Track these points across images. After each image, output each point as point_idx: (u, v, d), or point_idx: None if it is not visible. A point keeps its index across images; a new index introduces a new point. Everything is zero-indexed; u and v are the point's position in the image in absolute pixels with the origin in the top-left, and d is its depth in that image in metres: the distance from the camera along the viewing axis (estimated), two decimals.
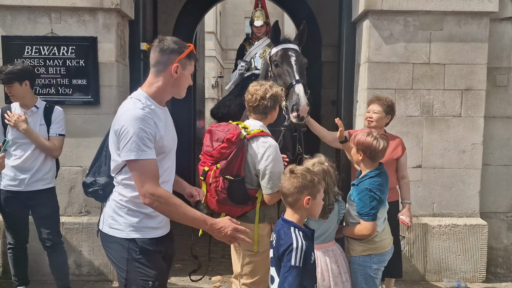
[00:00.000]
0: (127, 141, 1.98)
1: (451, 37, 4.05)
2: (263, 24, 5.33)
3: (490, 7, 4.00)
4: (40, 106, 3.42)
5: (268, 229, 2.75)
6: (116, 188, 2.15)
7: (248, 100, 2.78)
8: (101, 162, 2.26)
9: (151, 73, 2.17)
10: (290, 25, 11.37)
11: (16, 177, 3.35)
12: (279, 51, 3.57)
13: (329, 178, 2.61)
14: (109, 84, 4.03)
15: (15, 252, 3.51)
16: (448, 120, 4.11)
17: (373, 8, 3.96)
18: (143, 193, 2.00)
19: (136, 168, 2.00)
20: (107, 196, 2.20)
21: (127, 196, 2.10)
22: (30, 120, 3.34)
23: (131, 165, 2.01)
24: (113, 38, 3.99)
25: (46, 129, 3.40)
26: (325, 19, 7.02)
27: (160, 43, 2.12)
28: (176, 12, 7.30)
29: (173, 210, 2.07)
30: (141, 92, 2.16)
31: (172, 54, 2.11)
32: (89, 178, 2.26)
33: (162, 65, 2.12)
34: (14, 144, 3.33)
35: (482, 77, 4.09)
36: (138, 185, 2.00)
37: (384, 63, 4.04)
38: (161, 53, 2.10)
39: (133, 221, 2.11)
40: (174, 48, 2.11)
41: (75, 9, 3.94)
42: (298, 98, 3.27)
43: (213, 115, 5.08)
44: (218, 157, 2.62)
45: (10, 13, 3.95)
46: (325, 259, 2.63)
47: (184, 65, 2.15)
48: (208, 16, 9.88)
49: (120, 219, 2.12)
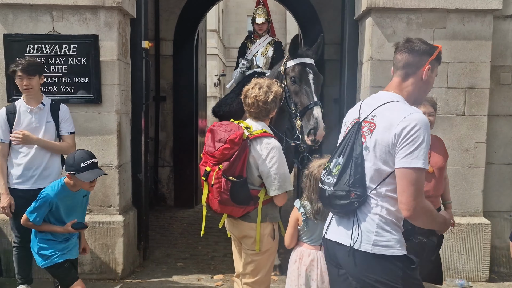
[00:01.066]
0: (416, 147, 1.79)
1: (455, 34, 4.02)
2: (264, 21, 5.32)
3: (494, 5, 3.97)
4: (46, 103, 3.44)
5: (270, 229, 2.73)
6: (376, 200, 1.92)
7: (248, 104, 2.70)
8: (354, 172, 1.93)
9: (398, 76, 2.00)
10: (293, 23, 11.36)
11: (24, 175, 3.37)
12: (296, 67, 3.54)
13: None
14: (111, 83, 4.02)
15: (20, 251, 3.51)
16: (452, 118, 4.08)
17: (376, 5, 3.93)
18: (413, 206, 1.81)
19: (414, 179, 1.79)
20: (357, 209, 1.94)
21: (391, 210, 1.91)
22: (37, 117, 3.35)
23: (408, 174, 1.80)
24: (115, 36, 3.98)
25: (54, 126, 3.42)
26: (327, 16, 6.99)
27: (408, 44, 1.98)
28: (178, 10, 7.28)
29: (431, 220, 1.93)
30: (399, 96, 1.97)
31: (424, 55, 1.96)
32: (339, 191, 1.94)
33: (413, 67, 1.96)
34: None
35: (486, 75, 4.06)
36: (410, 197, 1.80)
37: (387, 61, 4.00)
38: (411, 54, 1.96)
39: (398, 236, 1.93)
40: (425, 49, 1.96)
41: (77, 7, 3.94)
42: (317, 123, 3.29)
43: (214, 114, 5.07)
44: (220, 158, 2.59)
45: (12, 11, 3.94)
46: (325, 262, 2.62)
47: (433, 67, 2.00)
48: (210, 14, 9.86)
49: (388, 235, 1.90)
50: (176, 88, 7.28)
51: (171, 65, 7.29)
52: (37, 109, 3.38)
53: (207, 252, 5.08)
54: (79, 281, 2.95)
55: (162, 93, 7.28)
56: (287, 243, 2.76)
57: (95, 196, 3.97)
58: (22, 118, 3.36)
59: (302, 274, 2.64)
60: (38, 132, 3.37)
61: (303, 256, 2.68)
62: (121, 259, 4.10)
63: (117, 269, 4.11)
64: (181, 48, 7.25)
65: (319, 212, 2.60)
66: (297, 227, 2.72)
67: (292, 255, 2.77)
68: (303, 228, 2.68)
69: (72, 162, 2.77)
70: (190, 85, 7.33)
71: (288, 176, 2.69)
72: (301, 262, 2.67)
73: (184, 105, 7.30)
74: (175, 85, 7.29)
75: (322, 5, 7.13)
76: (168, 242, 5.41)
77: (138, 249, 4.50)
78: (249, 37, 5.54)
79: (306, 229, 2.67)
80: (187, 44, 7.27)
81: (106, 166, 4.04)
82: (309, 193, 2.66)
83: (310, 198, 2.66)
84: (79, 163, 2.75)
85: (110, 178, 4.06)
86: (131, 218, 4.32)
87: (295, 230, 2.72)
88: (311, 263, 2.63)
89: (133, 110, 4.42)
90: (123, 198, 4.22)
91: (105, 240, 4.08)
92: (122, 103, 4.16)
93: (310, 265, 2.64)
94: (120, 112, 4.11)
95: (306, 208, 2.66)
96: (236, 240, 2.87)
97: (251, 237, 2.70)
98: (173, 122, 7.36)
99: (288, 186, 2.66)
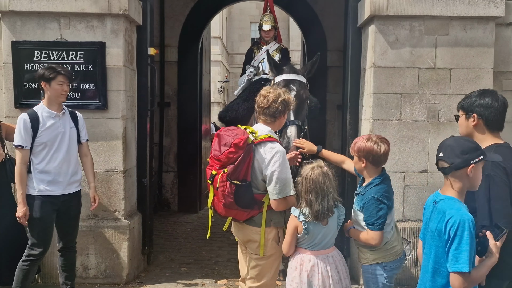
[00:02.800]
0: None
1: (457, 42, 4.05)
2: (271, 28, 5.37)
3: (496, 12, 4.00)
4: (65, 109, 3.50)
5: (274, 233, 2.76)
6: None
7: (259, 102, 2.80)
8: None
9: None
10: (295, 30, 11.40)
11: (54, 181, 3.35)
12: (281, 83, 3.65)
13: (329, 181, 2.61)
14: (117, 89, 4.07)
15: (34, 264, 3.39)
16: (454, 124, 4.07)
17: (379, 13, 3.97)
18: None
19: None
20: None
21: None
22: (61, 122, 3.40)
23: None
24: (121, 43, 4.04)
25: (75, 132, 3.49)
26: (330, 23, 7.04)
27: None
28: (182, 18, 7.36)
29: None
30: None
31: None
32: None
33: None
34: (46, 147, 3.32)
35: (489, 81, 4.08)
36: None
37: (390, 68, 4.05)
38: None
39: None
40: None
41: (84, 15, 4.00)
42: (288, 142, 3.41)
43: (221, 119, 5.12)
44: (225, 162, 2.63)
45: (20, 18, 4.01)
46: (326, 266, 2.62)
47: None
48: (214, 21, 9.93)
49: None
50: (181, 94, 7.35)
51: (175, 72, 7.37)
52: (62, 115, 3.43)
53: (211, 257, 5.09)
54: None
55: (166, 99, 7.34)
56: (285, 251, 2.73)
57: (100, 201, 4.00)
58: (47, 123, 3.34)
59: (304, 280, 2.61)
60: (64, 137, 3.40)
61: (304, 262, 2.65)
62: (126, 263, 4.13)
63: (122, 273, 4.13)
64: (185, 54, 7.32)
65: (318, 213, 2.58)
66: (296, 235, 2.67)
67: (291, 262, 2.73)
68: (304, 236, 2.64)
69: None
70: (194, 91, 7.39)
71: (290, 181, 2.70)
72: (302, 268, 2.64)
73: (188, 111, 7.35)
74: (179, 91, 7.36)
75: (325, 12, 7.19)
76: (172, 247, 5.43)
77: (142, 253, 4.52)
78: (256, 43, 5.59)
79: (306, 236, 2.64)
80: (191, 50, 7.34)
81: (112, 171, 4.08)
82: (307, 196, 2.62)
83: (308, 201, 2.62)
84: None
85: (116, 183, 4.10)
86: (136, 222, 4.35)
87: (293, 239, 2.68)
88: (312, 268, 2.61)
89: (139, 115, 4.46)
90: (128, 203, 4.26)
91: (110, 245, 4.11)
92: (128, 109, 4.21)
93: (311, 270, 2.61)
94: (126, 118, 4.16)
95: (306, 214, 2.62)
96: (242, 244, 2.90)
97: (255, 241, 2.73)
98: (177, 128, 7.41)
99: (288, 191, 2.67)
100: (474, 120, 2.50)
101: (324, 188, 2.59)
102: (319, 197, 2.59)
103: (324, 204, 2.59)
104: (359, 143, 2.71)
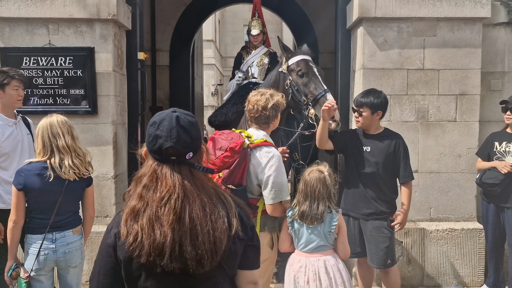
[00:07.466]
0: None
1: (445, 43, 4.08)
2: (259, 33, 5.39)
3: (483, 13, 4.04)
4: (18, 115, 3.32)
5: (268, 238, 2.76)
6: None
7: (249, 110, 2.77)
8: None
9: None
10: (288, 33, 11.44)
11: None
12: (301, 62, 3.67)
13: (322, 187, 2.62)
14: (107, 94, 4.06)
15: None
16: (444, 125, 4.13)
17: (367, 15, 4.00)
18: None
19: None
20: None
21: None
22: (19, 130, 3.23)
23: None
24: (110, 48, 4.03)
25: (32, 139, 3.27)
26: (321, 26, 7.08)
27: None
28: (174, 22, 7.36)
29: None
30: None
31: None
32: None
33: None
34: (9, 158, 3.14)
35: (477, 82, 4.12)
36: None
37: (379, 69, 4.07)
38: None
39: None
40: None
41: (73, 20, 3.99)
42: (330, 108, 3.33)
43: (210, 123, 5.13)
44: (220, 166, 2.61)
45: (8, 25, 4.00)
46: (315, 269, 2.63)
47: None
48: (207, 24, 9.96)
49: None
50: (173, 98, 7.33)
51: (167, 76, 7.35)
52: (18, 122, 3.26)
53: None
54: None
55: (158, 103, 7.33)
56: (279, 246, 2.80)
57: None
58: (6, 132, 3.15)
59: (291, 280, 2.66)
60: (23, 145, 3.23)
61: (294, 262, 2.71)
62: None
63: None
64: (177, 58, 7.32)
65: (304, 215, 2.61)
66: (288, 232, 2.75)
67: (287, 261, 2.81)
68: (291, 233, 2.72)
69: None
70: (186, 95, 7.38)
71: (285, 186, 2.70)
72: (291, 268, 2.71)
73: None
74: (171, 95, 7.35)
75: (316, 15, 7.22)
76: None
77: None
78: (245, 47, 5.61)
79: (293, 234, 2.71)
80: (183, 54, 7.34)
81: (102, 176, 4.07)
82: (299, 195, 2.68)
83: (299, 200, 2.68)
84: None
85: (107, 188, 4.09)
86: None
87: (286, 235, 2.76)
88: (299, 269, 2.65)
89: (129, 120, 4.46)
90: (120, 208, 4.24)
91: None
92: (118, 114, 4.20)
93: (298, 271, 2.65)
94: (116, 123, 4.15)
95: (294, 211, 2.69)
96: None
97: None
98: None
99: (284, 196, 2.67)
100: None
101: (315, 193, 2.61)
102: (308, 199, 2.61)
103: (313, 208, 2.60)
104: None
